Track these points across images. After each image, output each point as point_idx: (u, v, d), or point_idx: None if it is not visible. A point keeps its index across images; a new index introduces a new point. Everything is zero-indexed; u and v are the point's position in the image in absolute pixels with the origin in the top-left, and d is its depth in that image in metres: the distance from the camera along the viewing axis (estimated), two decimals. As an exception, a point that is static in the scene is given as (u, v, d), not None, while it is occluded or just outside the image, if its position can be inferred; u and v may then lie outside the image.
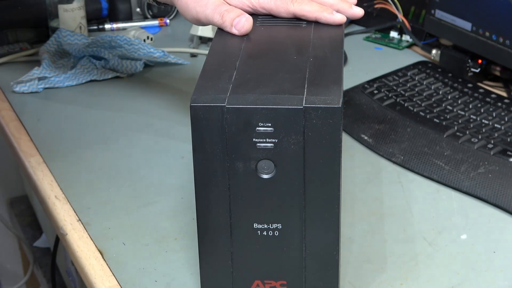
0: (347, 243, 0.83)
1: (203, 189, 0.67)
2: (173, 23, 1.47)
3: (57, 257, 1.53)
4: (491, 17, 1.14)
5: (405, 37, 1.36)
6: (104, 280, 0.79)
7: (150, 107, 1.14)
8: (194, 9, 0.82)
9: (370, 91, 1.14)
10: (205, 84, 0.67)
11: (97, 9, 1.43)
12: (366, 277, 0.78)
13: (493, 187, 0.91)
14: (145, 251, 0.82)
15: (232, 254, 0.70)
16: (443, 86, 1.14)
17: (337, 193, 0.67)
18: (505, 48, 1.12)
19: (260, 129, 0.64)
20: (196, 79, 0.68)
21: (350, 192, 0.92)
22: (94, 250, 0.83)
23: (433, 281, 0.78)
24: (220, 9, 0.79)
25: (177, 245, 0.83)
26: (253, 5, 0.81)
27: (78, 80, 1.21)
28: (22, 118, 1.12)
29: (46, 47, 1.26)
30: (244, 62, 0.70)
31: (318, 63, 0.70)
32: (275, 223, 0.68)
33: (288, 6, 0.80)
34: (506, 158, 0.96)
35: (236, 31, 0.77)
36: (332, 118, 0.63)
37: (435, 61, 1.27)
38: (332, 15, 0.79)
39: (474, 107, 1.08)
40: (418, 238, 0.84)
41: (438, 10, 1.23)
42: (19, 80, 1.19)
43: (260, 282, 0.71)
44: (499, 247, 0.83)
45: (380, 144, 1.02)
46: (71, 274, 1.50)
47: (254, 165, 0.66)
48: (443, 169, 0.95)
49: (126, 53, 1.23)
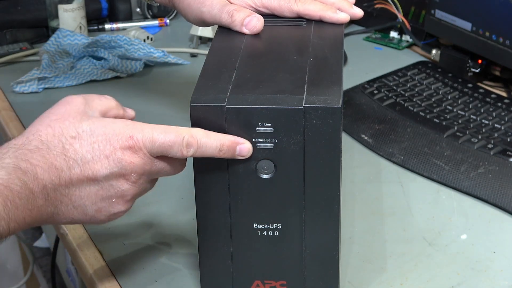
0: (347, 243, 0.83)
1: (203, 189, 0.67)
2: (173, 23, 1.47)
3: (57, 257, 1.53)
4: (491, 17, 1.14)
5: (405, 37, 1.36)
6: (104, 280, 0.78)
7: (150, 107, 1.13)
8: (198, 9, 0.82)
9: (370, 91, 1.14)
10: (205, 84, 0.67)
11: (97, 9, 1.43)
12: (366, 277, 0.78)
13: (493, 187, 0.91)
14: (145, 251, 0.82)
15: (232, 254, 0.70)
16: (443, 86, 1.14)
17: (337, 193, 0.67)
18: (505, 48, 1.12)
19: (260, 129, 0.64)
20: (196, 79, 0.68)
21: (350, 192, 0.92)
22: (94, 250, 0.83)
23: (433, 281, 0.78)
24: (228, 9, 0.79)
25: (177, 245, 0.83)
26: (256, 5, 0.81)
27: (78, 80, 1.21)
28: (22, 118, 1.12)
29: (46, 47, 1.26)
30: (244, 62, 0.70)
31: (318, 63, 0.70)
32: (275, 223, 0.68)
33: (292, 6, 0.80)
34: (506, 158, 0.96)
35: (247, 31, 0.77)
36: (332, 118, 0.63)
37: (435, 61, 1.26)
38: (336, 14, 0.79)
39: (474, 107, 1.08)
40: (418, 238, 0.84)
41: (438, 10, 1.23)
42: (19, 80, 1.19)
43: (260, 282, 0.71)
44: (499, 247, 0.83)
45: (380, 144, 1.02)
46: (71, 274, 1.49)
47: (254, 165, 0.66)
48: (443, 169, 0.95)
49: (126, 53, 1.23)
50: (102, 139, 0.64)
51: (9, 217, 0.58)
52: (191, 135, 0.64)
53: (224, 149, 0.65)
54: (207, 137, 0.65)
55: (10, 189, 0.58)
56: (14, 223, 0.59)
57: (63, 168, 0.63)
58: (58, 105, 0.67)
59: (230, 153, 0.65)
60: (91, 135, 0.64)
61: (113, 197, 0.66)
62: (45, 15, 1.35)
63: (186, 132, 0.65)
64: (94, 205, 0.66)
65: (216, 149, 0.65)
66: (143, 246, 0.83)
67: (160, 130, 0.65)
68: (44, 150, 0.62)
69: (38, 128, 0.64)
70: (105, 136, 0.64)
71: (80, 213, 0.65)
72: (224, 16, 0.79)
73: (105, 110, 0.68)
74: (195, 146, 0.64)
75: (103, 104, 0.68)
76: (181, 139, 0.64)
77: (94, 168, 0.64)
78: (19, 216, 0.59)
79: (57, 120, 0.65)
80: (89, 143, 0.64)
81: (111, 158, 0.64)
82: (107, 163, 0.64)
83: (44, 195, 0.61)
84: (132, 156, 0.64)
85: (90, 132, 0.64)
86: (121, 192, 0.66)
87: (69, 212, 0.65)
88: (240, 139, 0.65)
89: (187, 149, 0.64)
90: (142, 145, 0.64)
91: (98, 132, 0.64)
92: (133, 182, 0.66)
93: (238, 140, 0.65)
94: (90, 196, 0.65)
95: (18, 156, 0.61)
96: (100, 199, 0.66)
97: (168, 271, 0.79)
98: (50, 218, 0.64)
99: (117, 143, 0.64)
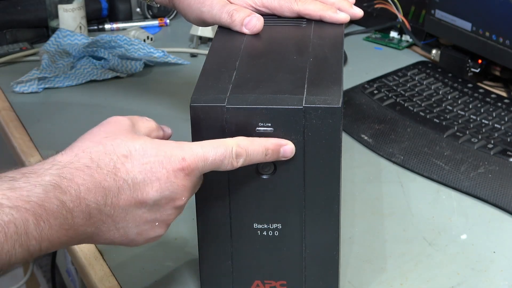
0: (347, 243, 0.83)
1: (203, 189, 0.67)
2: (173, 23, 1.47)
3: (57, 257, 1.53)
4: (491, 17, 1.14)
5: (405, 37, 1.36)
6: (104, 280, 0.78)
7: (150, 107, 1.13)
8: (199, 9, 0.82)
9: (370, 91, 1.14)
10: (205, 84, 0.67)
11: (97, 9, 1.43)
12: (366, 277, 0.78)
13: (493, 187, 0.91)
14: (145, 251, 0.82)
15: (232, 254, 0.70)
16: (443, 86, 1.14)
17: (337, 193, 0.67)
18: (505, 48, 1.12)
19: (260, 129, 0.64)
20: (196, 79, 0.68)
21: (350, 192, 0.92)
22: (94, 250, 0.83)
23: (433, 281, 0.78)
24: (228, 9, 0.79)
25: (177, 245, 0.83)
26: (256, 5, 0.81)
27: (78, 80, 1.21)
28: (22, 118, 1.12)
29: (46, 47, 1.26)
30: (244, 62, 0.70)
31: (318, 63, 0.70)
32: (275, 223, 0.68)
33: (292, 5, 0.80)
34: (506, 158, 0.96)
35: (247, 31, 0.77)
36: (332, 118, 0.63)
37: (435, 61, 1.26)
38: (336, 13, 0.79)
39: (474, 107, 1.08)
40: (418, 238, 0.84)
41: (438, 10, 1.23)
42: (19, 80, 1.19)
43: (260, 282, 0.71)
44: (499, 247, 0.83)
45: (380, 144, 1.02)
46: (71, 274, 1.49)
47: (254, 165, 0.66)
48: (443, 169, 0.95)
49: (126, 53, 1.23)
50: (155, 161, 0.61)
51: (41, 236, 0.56)
52: (238, 145, 0.63)
53: (270, 153, 0.64)
54: (252, 144, 0.64)
55: (45, 208, 0.56)
56: (46, 242, 0.56)
57: (112, 188, 0.60)
58: (107, 123, 0.64)
59: (275, 156, 0.64)
60: (143, 155, 0.61)
61: (157, 220, 0.64)
62: (45, 15, 1.35)
63: (233, 143, 0.63)
64: (137, 227, 0.63)
65: (262, 154, 0.64)
66: (143, 246, 0.83)
67: (209, 146, 0.63)
68: (93, 168, 0.60)
69: (88, 145, 0.61)
70: (157, 158, 0.61)
71: (121, 235, 0.63)
72: (224, 16, 0.79)
73: (149, 131, 0.66)
74: (244, 155, 0.63)
75: (146, 126, 0.66)
76: (230, 150, 0.63)
77: (144, 190, 0.61)
78: (53, 236, 0.57)
79: (107, 138, 0.62)
80: (141, 163, 0.61)
81: (163, 181, 0.61)
82: (158, 186, 0.61)
83: (85, 215, 0.59)
84: (184, 179, 0.62)
85: (143, 152, 0.61)
86: (167, 216, 0.64)
87: (110, 232, 0.62)
88: (283, 140, 0.64)
89: (237, 159, 0.63)
90: (195, 166, 0.62)
91: (150, 153, 0.61)
92: (181, 206, 0.64)
93: (281, 142, 0.64)
94: (135, 219, 0.62)
95: (61, 174, 0.58)
96: (144, 222, 0.63)
97: (168, 271, 0.79)
98: (89, 238, 0.61)
99: (169, 165, 0.61)
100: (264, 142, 0.64)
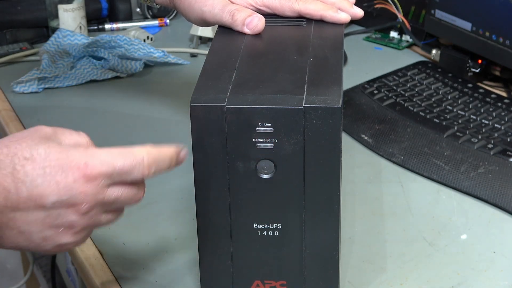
0: (347, 243, 0.83)
1: (203, 189, 0.67)
2: (173, 23, 1.47)
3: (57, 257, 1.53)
4: (491, 17, 1.14)
5: (405, 37, 1.36)
6: (104, 280, 0.78)
7: (150, 107, 1.13)
8: (200, 9, 0.82)
9: (370, 91, 1.14)
10: (205, 84, 0.67)
11: (97, 9, 1.43)
12: (366, 277, 0.78)
13: (493, 187, 0.91)
14: (145, 251, 0.82)
15: (232, 254, 0.70)
16: (443, 86, 1.14)
17: (337, 193, 0.67)
18: (505, 48, 1.12)
19: (260, 129, 0.64)
20: (196, 79, 0.68)
21: (350, 192, 0.92)
22: (94, 250, 0.83)
23: (433, 281, 0.78)
24: (230, 8, 0.79)
25: (177, 245, 0.83)
26: (257, 4, 0.81)
27: (78, 80, 1.21)
28: (22, 118, 1.12)
29: (46, 47, 1.26)
30: (244, 62, 0.70)
31: (318, 63, 0.70)
32: (275, 223, 0.68)
33: (293, 5, 0.80)
34: (506, 158, 0.96)
35: (249, 31, 0.77)
36: (332, 118, 0.63)
37: (435, 61, 1.26)
38: (337, 13, 0.79)
39: (474, 107, 1.08)
40: (418, 238, 0.84)
41: (438, 10, 1.23)
42: (19, 80, 1.19)
43: (260, 282, 0.71)
44: (499, 247, 0.83)
45: (380, 144, 1.02)
46: (71, 274, 1.49)
47: (254, 165, 0.66)
48: (443, 169, 0.95)
49: (126, 53, 1.23)
50: (55, 165, 0.60)
51: None
52: (149, 154, 0.63)
53: (173, 161, 0.65)
54: (160, 154, 0.64)
55: None
56: None
57: (11, 189, 0.59)
58: (28, 130, 0.63)
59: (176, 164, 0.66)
60: (45, 159, 0.60)
61: (61, 226, 0.61)
62: (45, 15, 1.35)
63: (144, 152, 0.63)
64: (41, 232, 0.61)
65: (168, 163, 0.65)
66: (143, 246, 0.83)
67: (118, 154, 0.62)
68: None
69: None
70: (58, 162, 0.60)
71: (25, 239, 0.61)
72: (225, 15, 0.79)
73: (73, 144, 0.64)
74: (155, 164, 0.63)
75: (72, 138, 0.64)
76: (141, 159, 0.62)
77: (42, 193, 0.59)
78: None
79: (16, 141, 0.61)
80: (41, 166, 0.59)
81: (62, 185, 0.60)
82: (56, 189, 0.59)
83: None
84: (84, 185, 0.60)
85: (45, 155, 0.60)
86: (69, 223, 0.61)
87: (14, 237, 0.61)
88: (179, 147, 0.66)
89: (149, 168, 0.63)
90: (97, 172, 0.60)
91: (52, 157, 0.60)
92: (83, 213, 0.61)
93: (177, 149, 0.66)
94: (37, 223, 0.61)
95: None
96: (47, 227, 0.61)
97: (168, 271, 0.79)
98: None
99: (70, 170, 0.60)
100: (168, 151, 0.64)
